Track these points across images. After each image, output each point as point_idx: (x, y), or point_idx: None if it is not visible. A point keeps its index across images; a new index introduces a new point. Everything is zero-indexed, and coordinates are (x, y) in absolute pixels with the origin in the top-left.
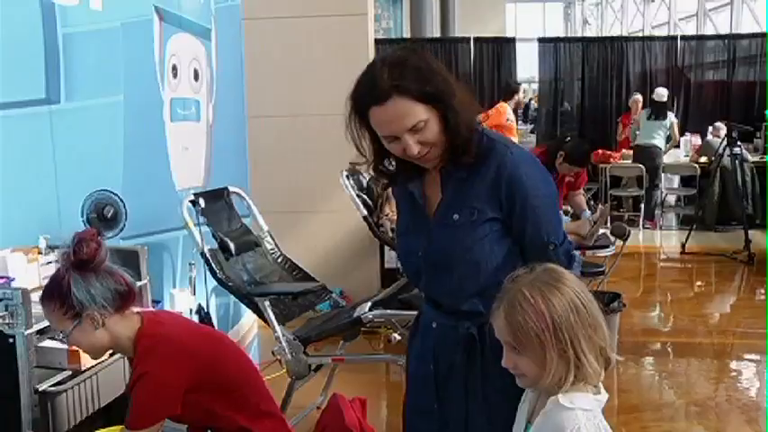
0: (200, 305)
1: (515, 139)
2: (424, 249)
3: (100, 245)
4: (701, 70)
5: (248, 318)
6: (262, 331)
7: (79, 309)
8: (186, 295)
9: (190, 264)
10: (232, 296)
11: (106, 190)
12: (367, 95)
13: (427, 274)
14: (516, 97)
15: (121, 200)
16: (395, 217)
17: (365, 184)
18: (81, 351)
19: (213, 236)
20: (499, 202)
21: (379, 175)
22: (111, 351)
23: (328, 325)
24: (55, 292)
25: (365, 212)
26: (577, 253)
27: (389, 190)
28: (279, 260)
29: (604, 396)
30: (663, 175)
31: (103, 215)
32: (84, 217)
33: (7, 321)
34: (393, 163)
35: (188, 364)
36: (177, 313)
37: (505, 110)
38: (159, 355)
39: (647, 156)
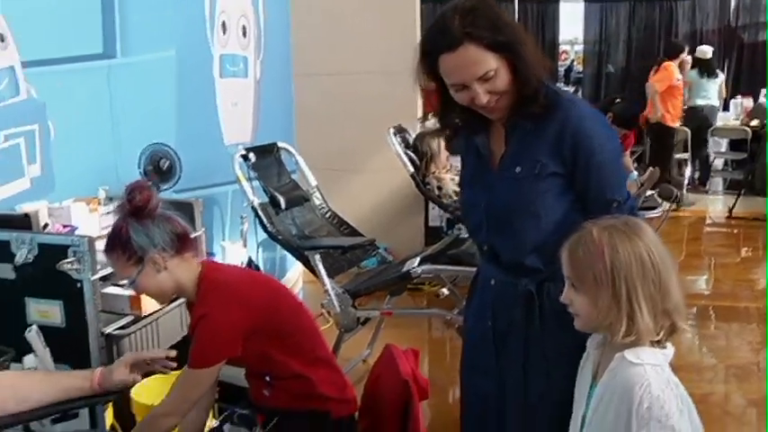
0: (250, 258)
1: (680, 102)
2: (486, 202)
3: (151, 192)
4: (756, 30)
5: (294, 272)
6: (307, 286)
7: (141, 253)
8: (238, 248)
9: (241, 217)
10: (278, 251)
11: (161, 143)
12: (438, 42)
13: (489, 227)
14: (681, 56)
15: (176, 153)
16: (441, 175)
17: (411, 142)
18: (142, 298)
19: (264, 190)
20: (562, 157)
21: (445, 127)
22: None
23: (377, 279)
24: (116, 241)
25: (412, 170)
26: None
27: (435, 148)
28: (327, 215)
29: (671, 350)
30: (711, 138)
31: (159, 167)
32: (141, 169)
33: (75, 267)
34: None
35: (246, 308)
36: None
37: (674, 69)
38: (219, 298)
39: (703, 116)
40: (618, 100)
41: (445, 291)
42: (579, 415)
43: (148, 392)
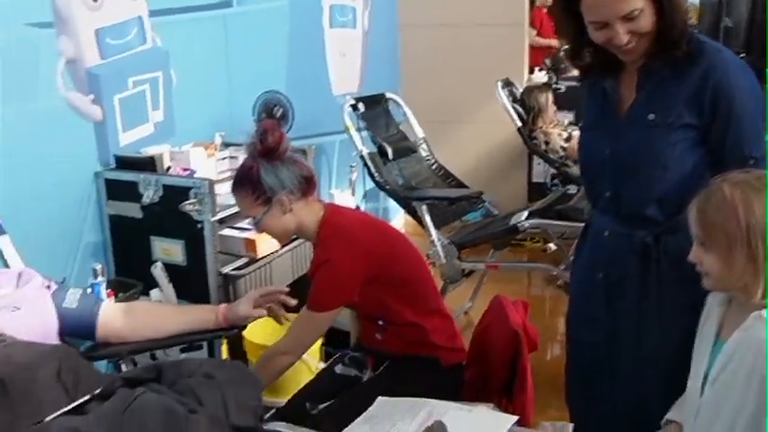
0: (357, 207)
1: None
2: (611, 148)
3: (283, 133)
4: None
5: (396, 223)
6: (409, 238)
7: (270, 194)
8: (346, 196)
9: (350, 166)
10: (381, 201)
11: (275, 91)
12: None
13: (610, 174)
14: None
15: (289, 100)
16: (548, 130)
17: (518, 96)
18: (257, 240)
19: (372, 140)
20: (700, 108)
21: (575, 66)
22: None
23: (483, 232)
24: (246, 180)
25: (519, 123)
26: None
27: (543, 102)
28: (433, 167)
29: None
30: None
31: (272, 115)
32: (255, 116)
33: (196, 208)
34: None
35: (367, 255)
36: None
37: None
38: (341, 244)
39: None
40: (742, 56)
41: (552, 246)
42: (701, 372)
43: (260, 332)
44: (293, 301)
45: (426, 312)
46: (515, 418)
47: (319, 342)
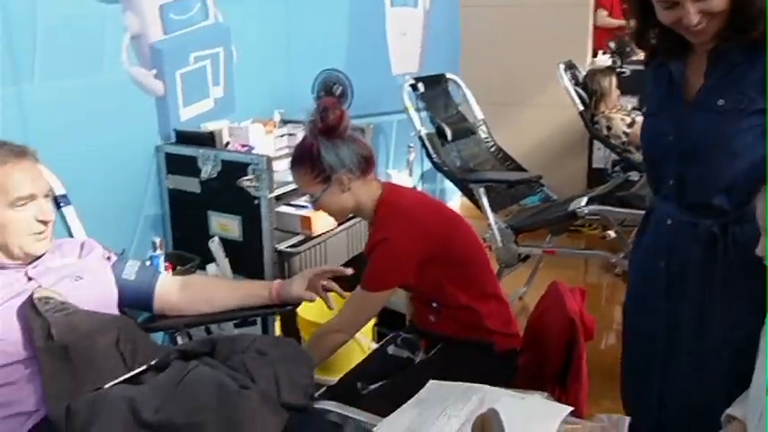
0: (414, 187)
1: None
2: (675, 134)
3: (343, 112)
4: None
5: (452, 205)
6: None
7: (329, 172)
8: (404, 176)
9: (408, 147)
10: (438, 182)
11: (334, 69)
12: None
13: (674, 162)
14: None
15: (348, 79)
16: (611, 114)
17: (581, 79)
18: (312, 218)
19: (431, 121)
20: None
21: (640, 47)
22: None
23: (540, 216)
24: (306, 157)
25: (581, 107)
26: None
27: (606, 86)
28: (492, 149)
29: None
30: None
31: (332, 93)
32: (315, 94)
33: (254, 184)
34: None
35: (424, 235)
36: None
37: None
38: (399, 223)
39: None
40: None
41: (612, 233)
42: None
43: (313, 309)
44: (345, 294)
45: (482, 296)
46: (569, 408)
47: (372, 322)
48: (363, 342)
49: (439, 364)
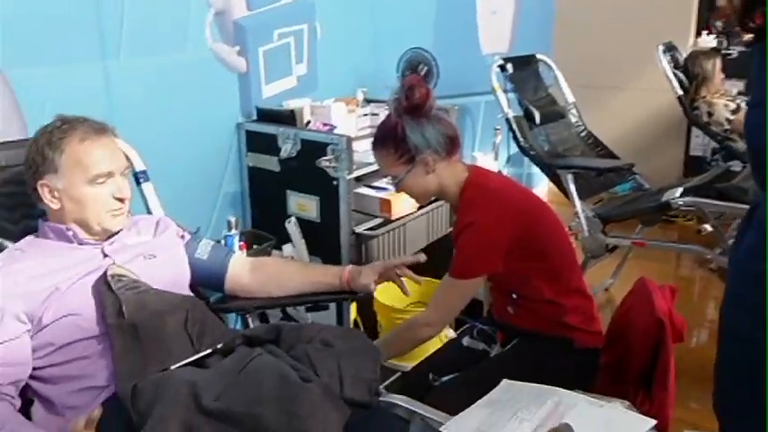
0: (499, 171)
1: None
2: None
3: (429, 90)
4: None
5: (538, 191)
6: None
7: (414, 153)
8: (489, 159)
9: (495, 129)
10: (525, 167)
11: (420, 48)
12: None
13: None
14: None
15: (434, 58)
16: (713, 100)
17: (681, 62)
18: (392, 201)
19: (519, 103)
20: None
21: (743, 28)
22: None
23: (631, 206)
24: (390, 137)
25: (680, 92)
26: None
27: (709, 69)
28: (582, 134)
29: None
30: None
31: (417, 72)
32: (399, 73)
33: (333, 165)
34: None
35: (513, 220)
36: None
37: None
38: (487, 206)
39: None
40: None
41: (708, 227)
42: None
43: (390, 293)
44: (420, 279)
45: (566, 291)
46: (653, 422)
47: None
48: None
49: (515, 360)
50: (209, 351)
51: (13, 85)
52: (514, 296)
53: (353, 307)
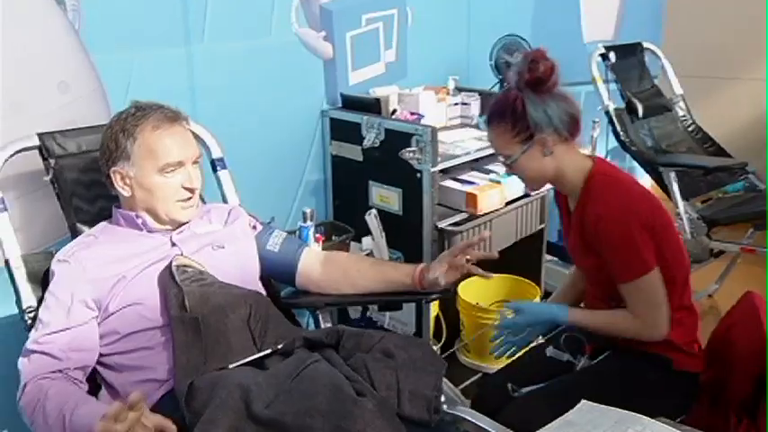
0: None
1: None
2: None
3: (554, 64)
4: None
5: None
6: None
7: (533, 131)
8: (586, 152)
9: (593, 121)
10: (626, 162)
11: (516, 35)
12: None
13: None
14: None
15: (530, 46)
16: None
17: None
18: (479, 196)
19: (621, 94)
20: None
21: None
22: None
23: (742, 209)
24: (508, 113)
25: None
26: None
27: None
28: (690, 129)
29: None
30: None
31: (511, 61)
32: (492, 61)
33: (416, 157)
34: None
35: (646, 217)
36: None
37: None
38: (622, 196)
39: None
40: None
41: None
42: None
43: (474, 290)
44: (490, 275)
45: (675, 303)
46: None
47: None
48: None
49: (603, 376)
50: (268, 351)
51: (98, 70)
52: (614, 303)
53: (435, 305)
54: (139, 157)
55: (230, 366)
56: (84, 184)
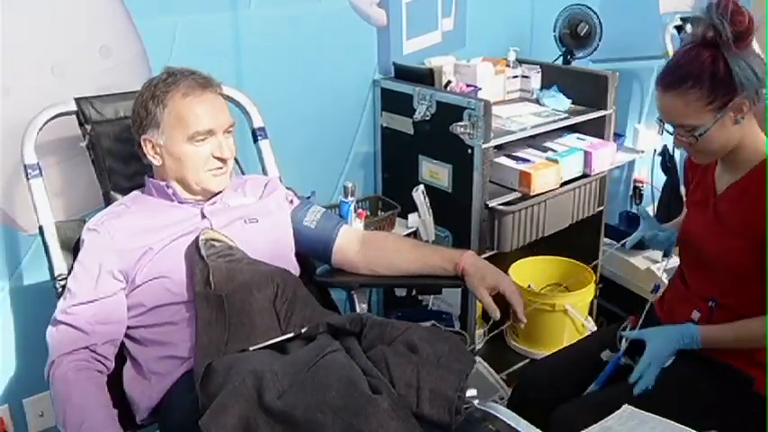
0: (665, 147)
1: None
2: None
3: (752, 17)
4: None
5: None
6: None
7: (735, 94)
8: (652, 133)
9: None
10: None
11: (584, 5)
12: None
13: None
14: None
15: (598, 17)
16: None
17: None
18: (533, 175)
19: None
20: None
21: None
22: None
23: None
24: (706, 75)
25: None
26: None
27: None
28: None
29: None
30: None
31: (576, 33)
32: (557, 32)
33: (468, 131)
34: None
35: None
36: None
37: None
38: None
39: None
40: None
41: None
42: None
43: (527, 273)
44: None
45: None
46: None
47: (590, 296)
48: (577, 319)
49: (667, 387)
50: (291, 335)
51: (141, 34)
52: (712, 304)
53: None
54: (169, 125)
55: (251, 349)
56: (119, 151)
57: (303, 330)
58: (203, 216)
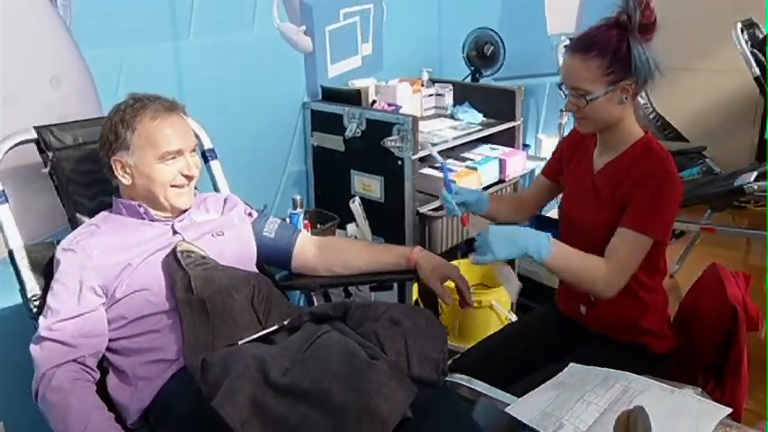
0: None
1: None
2: None
3: (656, 18)
4: None
5: None
6: None
7: (627, 73)
8: (553, 141)
9: (560, 111)
10: None
11: (487, 28)
12: None
13: None
14: None
15: (501, 39)
16: None
17: (760, 39)
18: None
19: None
20: None
21: None
22: None
23: (701, 191)
24: (609, 49)
25: (757, 72)
26: None
27: None
28: (651, 116)
29: None
30: None
31: (483, 53)
32: (465, 54)
33: (398, 145)
34: None
35: (679, 199)
36: None
37: None
38: (669, 169)
39: None
40: None
41: None
42: None
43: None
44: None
45: (655, 284)
46: (728, 410)
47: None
48: (502, 313)
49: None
50: (275, 327)
51: (89, 65)
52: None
53: (415, 288)
54: (139, 147)
55: (239, 343)
56: (82, 175)
57: (286, 323)
58: (175, 232)
